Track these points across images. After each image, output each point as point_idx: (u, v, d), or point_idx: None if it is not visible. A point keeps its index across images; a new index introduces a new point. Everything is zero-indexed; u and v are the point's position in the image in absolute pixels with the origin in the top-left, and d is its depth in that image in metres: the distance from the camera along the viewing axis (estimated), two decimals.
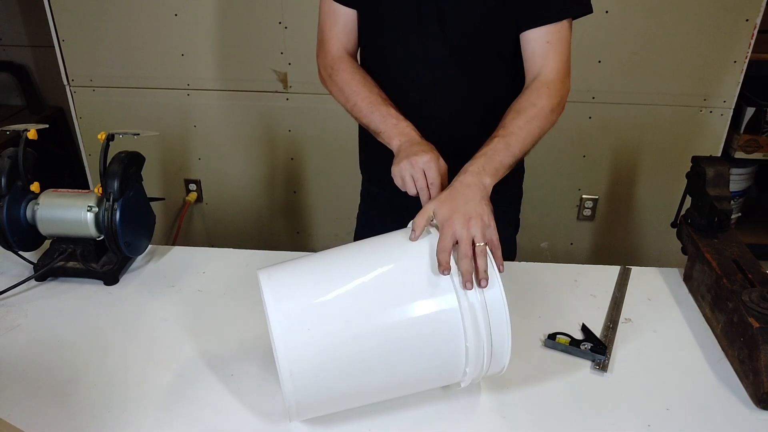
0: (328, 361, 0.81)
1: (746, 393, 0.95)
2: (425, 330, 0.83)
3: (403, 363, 0.84)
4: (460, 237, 0.86)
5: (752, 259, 1.10)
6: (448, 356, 0.85)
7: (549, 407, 0.93)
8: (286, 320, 0.80)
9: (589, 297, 1.18)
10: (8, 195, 1.17)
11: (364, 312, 0.82)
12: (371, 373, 0.83)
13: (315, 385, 0.81)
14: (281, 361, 0.79)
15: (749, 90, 2.25)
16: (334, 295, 0.83)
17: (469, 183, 0.93)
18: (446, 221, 0.88)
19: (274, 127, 2.26)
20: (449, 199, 0.91)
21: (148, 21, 2.13)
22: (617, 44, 2.01)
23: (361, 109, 1.12)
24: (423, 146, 1.02)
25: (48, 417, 0.90)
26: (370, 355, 0.82)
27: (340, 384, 0.83)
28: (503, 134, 1.01)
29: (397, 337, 0.82)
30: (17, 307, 1.14)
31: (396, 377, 0.85)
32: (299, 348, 0.79)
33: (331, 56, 1.18)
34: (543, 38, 1.09)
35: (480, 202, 0.91)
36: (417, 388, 0.90)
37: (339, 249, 0.92)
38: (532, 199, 2.22)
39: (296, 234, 2.46)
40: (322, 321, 0.81)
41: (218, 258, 1.31)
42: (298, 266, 0.88)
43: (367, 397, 0.88)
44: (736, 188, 2.48)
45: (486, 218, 0.90)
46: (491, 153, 0.98)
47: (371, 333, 0.82)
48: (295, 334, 0.80)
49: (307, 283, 0.84)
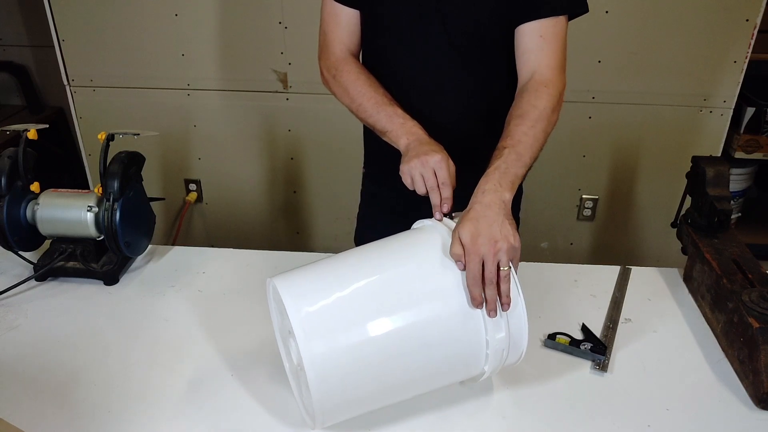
0: (352, 362, 0.80)
1: (746, 393, 0.95)
2: (444, 327, 0.83)
3: (424, 361, 0.84)
4: (486, 262, 0.84)
5: (752, 259, 1.10)
6: (470, 350, 0.85)
7: (549, 407, 0.93)
8: (309, 326, 0.79)
9: (589, 297, 1.18)
10: (8, 195, 1.17)
11: (384, 313, 0.81)
12: (395, 373, 0.83)
13: (341, 390, 0.80)
14: (307, 368, 0.77)
15: (749, 90, 2.25)
16: (354, 297, 0.82)
17: (490, 203, 0.89)
18: (471, 246, 0.84)
19: (274, 127, 2.26)
20: (471, 220, 0.87)
21: (148, 21, 2.13)
22: (617, 44, 2.01)
23: (367, 109, 1.11)
24: (433, 146, 1.01)
25: (48, 417, 0.90)
26: (393, 356, 0.81)
27: (364, 386, 0.82)
28: (512, 144, 0.98)
29: (417, 336, 0.82)
30: (17, 307, 1.14)
31: (417, 376, 0.85)
32: (324, 354, 0.78)
33: (335, 57, 1.17)
34: (536, 32, 1.08)
35: (504, 222, 0.87)
36: (438, 384, 0.90)
37: (352, 251, 0.92)
38: (532, 199, 2.22)
39: (296, 234, 2.46)
40: (344, 325, 0.80)
41: (218, 258, 1.31)
42: (313, 271, 0.87)
43: (390, 397, 0.87)
44: (736, 188, 2.47)
45: (512, 239, 0.86)
46: (504, 166, 0.95)
47: (393, 333, 0.81)
48: (319, 340, 0.78)
49: (326, 288, 0.83)
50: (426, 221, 0.96)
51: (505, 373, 0.98)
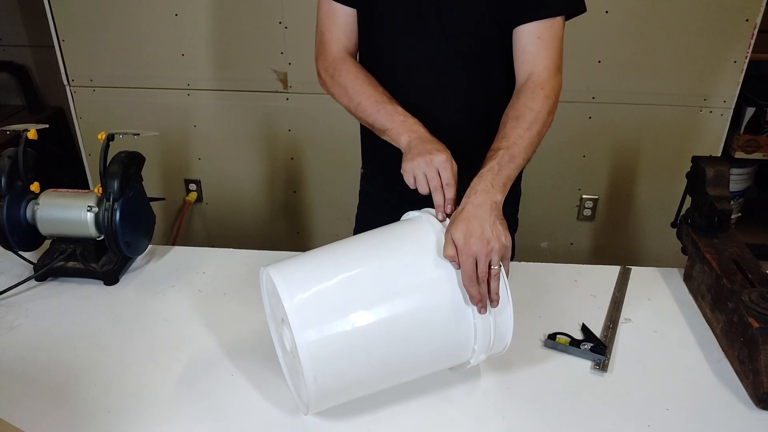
0: (345, 349, 0.82)
1: (746, 393, 0.95)
2: (436, 315, 0.86)
3: (415, 347, 0.86)
4: (478, 261, 0.86)
5: (752, 259, 1.10)
6: (459, 338, 0.88)
7: (549, 407, 0.93)
8: (303, 313, 0.81)
9: (589, 297, 1.18)
10: (8, 195, 1.17)
11: (377, 301, 0.84)
12: (388, 359, 0.85)
13: (334, 373, 0.82)
14: (302, 355, 0.79)
15: (749, 90, 2.25)
16: (348, 285, 0.85)
17: (481, 203, 0.91)
18: (464, 246, 0.86)
19: (274, 127, 2.26)
20: (464, 221, 0.89)
21: (148, 21, 2.13)
22: (617, 44, 2.01)
23: (366, 108, 1.10)
24: (437, 145, 1.01)
25: (48, 417, 0.90)
26: (386, 342, 0.84)
27: (357, 371, 0.84)
28: (507, 146, 0.99)
29: (409, 323, 0.85)
30: (17, 307, 1.14)
31: (409, 362, 0.88)
32: (317, 338, 0.80)
33: (332, 57, 1.17)
34: (535, 33, 1.08)
35: (495, 222, 0.90)
36: (429, 369, 0.92)
37: (345, 241, 0.93)
38: (532, 199, 2.22)
39: (296, 234, 2.46)
40: (337, 310, 0.82)
41: (218, 258, 1.31)
42: (306, 259, 0.89)
43: (381, 382, 0.89)
44: (736, 188, 2.47)
45: (503, 239, 0.89)
46: (497, 168, 0.96)
47: (386, 321, 0.83)
48: (312, 325, 0.81)
49: (319, 274, 0.86)
50: (418, 212, 0.98)
51: (505, 373, 0.98)
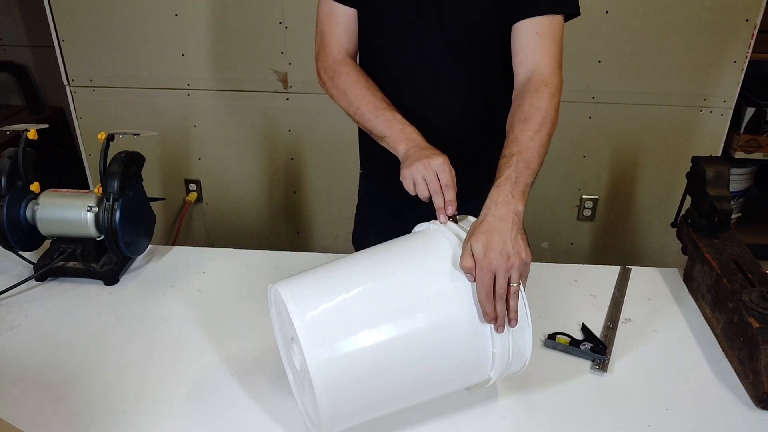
0: (359, 370, 0.78)
1: (746, 393, 0.95)
2: (452, 335, 0.82)
3: (431, 368, 0.83)
4: (497, 277, 0.83)
5: (752, 259, 1.10)
6: (476, 358, 0.84)
7: (549, 407, 0.93)
8: (316, 331, 0.77)
9: (589, 297, 1.18)
10: (8, 195, 1.17)
11: (391, 319, 0.80)
12: (402, 380, 0.82)
13: (347, 394, 0.79)
14: (314, 376, 0.76)
15: (749, 90, 2.25)
16: (360, 303, 0.81)
17: (503, 216, 0.87)
18: (483, 259, 0.83)
19: (274, 127, 2.26)
20: (485, 233, 0.85)
21: (148, 21, 2.13)
22: (617, 44, 2.01)
23: (365, 113, 1.10)
24: (433, 150, 1.01)
25: (48, 417, 0.90)
26: (400, 363, 0.80)
27: (370, 393, 0.80)
28: (518, 151, 0.96)
29: (424, 343, 0.81)
30: (17, 307, 1.14)
31: (424, 383, 0.84)
32: (330, 361, 0.77)
33: (333, 59, 1.17)
34: (533, 29, 1.07)
35: (516, 237, 0.86)
36: (444, 390, 0.89)
37: (355, 256, 0.90)
38: (532, 199, 2.19)
39: (296, 234, 2.46)
40: (350, 331, 0.78)
41: (218, 258, 1.31)
42: (315, 275, 0.85)
43: (396, 404, 0.86)
44: (736, 188, 2.47)
45: (524, 255, 0.86)
46: (515, 176, 0.92)
47: (399, 340, 0.80)
48: (324, 347, 0.77)
49: (328, 290, 0.82)
50: (430, 224, 0.95)
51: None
